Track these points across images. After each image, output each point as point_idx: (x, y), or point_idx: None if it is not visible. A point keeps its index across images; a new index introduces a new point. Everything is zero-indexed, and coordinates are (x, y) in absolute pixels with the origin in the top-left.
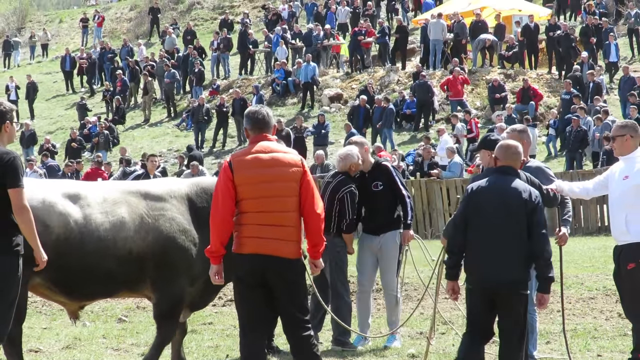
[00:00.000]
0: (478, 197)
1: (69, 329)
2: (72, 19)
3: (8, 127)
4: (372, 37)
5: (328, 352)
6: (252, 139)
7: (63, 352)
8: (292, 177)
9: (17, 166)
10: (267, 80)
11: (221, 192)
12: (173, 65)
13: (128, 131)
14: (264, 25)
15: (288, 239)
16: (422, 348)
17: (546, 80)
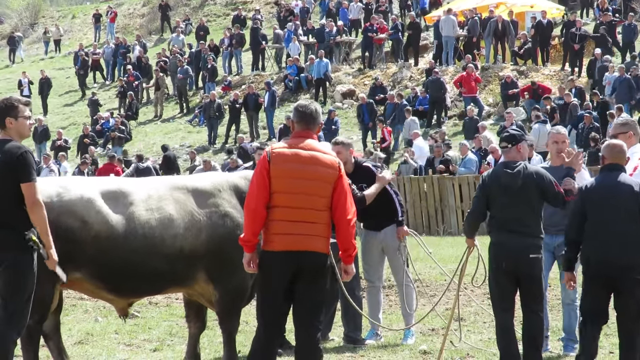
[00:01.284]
0: (591, 194)
1: (81, 325)
2: (84, 15)
3: (12, 122)
4: (384, 34)
5: (340, 348)
6: (295, 133)
7: (75, 348)
8: (327, 178)
9: (28, 161)
10: (279, 76)
11: (256, 182)
12: (186, 61)
13: (140, 127)
14: (276, 22)
15: (318, 234)
16: (433, 345)
17: (559, 76)
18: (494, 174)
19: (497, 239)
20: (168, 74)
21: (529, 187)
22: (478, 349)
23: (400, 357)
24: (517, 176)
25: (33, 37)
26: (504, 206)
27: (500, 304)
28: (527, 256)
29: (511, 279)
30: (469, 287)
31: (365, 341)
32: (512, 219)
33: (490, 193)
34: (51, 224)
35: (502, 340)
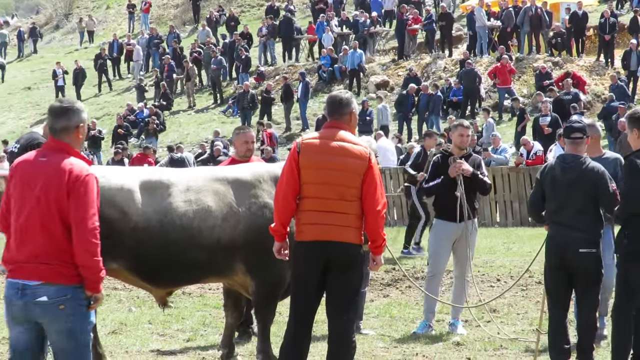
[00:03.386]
0: None
1: (115, 314)
2: (119, 5)
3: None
4: (418, 24)
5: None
6: (327, 124)
7: (109, 337)
8: (355, 169)
9: None
10: (313, 67)
11: (286, 172)
12: (219, 52)
13: (174, 117)
14: (309, 12)
15: (348, 225)
16: (466, 337)
17: (593, 67)
18: (551, 166)
19: (550, 232)
20: (202, 65)
21: (586, 181)
22: (512, 340)
23: (434, 349)
24: (573, 169)
25: (67, 27)
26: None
27: (553, 299)
28: (576, 250)
29: (563, 274)
30: (501, 279)
31: (360, 330)
32: (565, 212)
33: (545, 185)
34: None
35: (552, 337)
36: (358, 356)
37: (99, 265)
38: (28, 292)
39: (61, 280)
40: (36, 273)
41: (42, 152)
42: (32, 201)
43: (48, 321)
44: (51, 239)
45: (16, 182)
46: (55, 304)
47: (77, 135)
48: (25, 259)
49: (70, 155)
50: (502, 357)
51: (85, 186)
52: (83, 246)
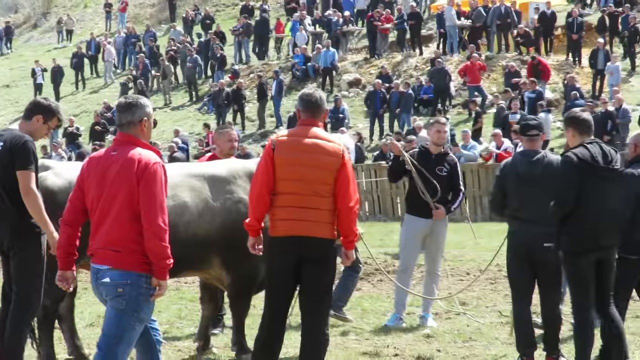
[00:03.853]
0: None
1: (92, 307)
2: (96, 4)
3: (39, 121)
4: (390, 24)
5: (345, 332)
6: (301, 121)
7: (87, 330)
8: (329, 165)
9: (27, 149)
10: (287, 65)
11: (261, 169)
12: (195, 50)
13: None
14: (283, 12)
15: (322, 220)
16: (436, 329)
17: (562, 65)
18: (512, 162)
19: (513, 228)
20: (178, 63)
21: (548, 175)
22: (481, 332)
23: (404, 341)
24: (537, 164)
25: (45, 26)
26: (521, 195)
27: (518, 292)
28: (541, 244)
29: (527, 267)
30: (471, 273)
31: (343, 314)
32: (529, 208)
33: (507, 182)
34: None
35: (518, 327)
36: (331, 348)
37: (166, 251)
38: (99, 275)
39: (125, 267)
40: (106, 258)
41: (112, 146)
42: (106, 192)
43: (109, 300)
44: (122, 228)
45: (90, 176)
46: (115, 286)
47: (142, 128)
48: (100, 245)
49: (137, 147)
50: (472, 348)
51: (154, 174)
52: (151, 230)
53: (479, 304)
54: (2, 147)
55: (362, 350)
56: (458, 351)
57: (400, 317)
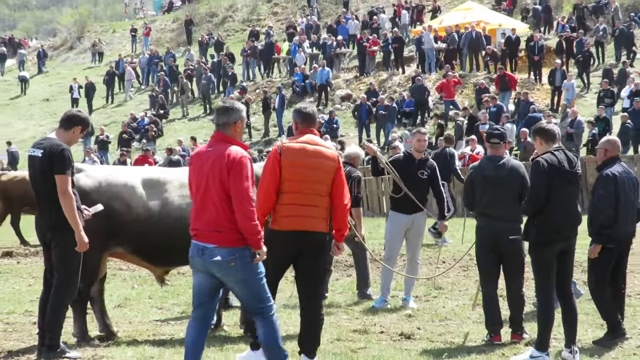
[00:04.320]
0: None
1: (120, 291)
2: (123, 30)
3: (75, 132)
4: (376, 46)
5: (337, 312)
6: (300, 130)
7: (115, 310)
8: (328, 168)
9: (64, 156)
10: (288, 82)
11: (269, 171)
12: (209, 69)
13: (170, 124)
14: (285, 36)
15: (320, 216)
16: (417, 310)
17: (525, 83)
18: (479, 166)
19: (482, 223)
20: (194, 80)
21: (515, 177)
22: (455, 312)
23: (389, 320)
24: (502, 168)
25: (80, 48)
26: (489, 195)
27: (486, 277)
28: (507, 238)
29: (494, 256)
30: (446, 261)
31: (370, 295)
32: (496, 206)
33: (477, 183)
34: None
35: (487, 310)
36: (326, 326)
37: (256, 228)
38: (206, 252)
39: (230, 244)
40: (212, 238)
41: (209, 144)
42: (204, 182)
43: (223, 275)
44: (220, 211)
45: (193, 168)
46: (227, 262)
47: (236, 129)
48: (203, 226)
49: (230, 144)
50: (447, 326)
51: (241, 165)
52: (241, 212)
53: (453, 289)
54: (42, 154)
55: (352, 328)
56: (435, 329)
57: (386, 299)
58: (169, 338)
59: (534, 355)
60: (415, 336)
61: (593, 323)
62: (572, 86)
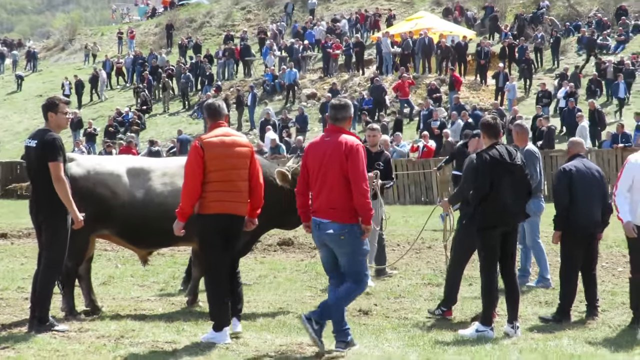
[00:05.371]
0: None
1: (104, 270)
2: (111, 33)
3: (52, 116)
4: (339, 50)
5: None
6: (212, 125)
7: (100, 288)
8: (246, 154)
9: (56, 145)
10: (259, 82)
11: (193, 166)
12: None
13: (152, 119)
14: (257, 40)
15: (243, 201)
16: (374, 288)
17: (471, 84)
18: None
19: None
20: (174, 79)
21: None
22: (408, 291)
23: None
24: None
25: (71, 49)
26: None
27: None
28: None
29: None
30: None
31: (388, 272)
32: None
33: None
34: (88, 192)
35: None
36: (290, 302)
37: (369, 205)
38: (322, 226)
39: (342, 220)
40: (327, 214)
41: (325, 135)
42: (323, 167)
43: (334, 246)
44: (336, 191)
45: (311, 156)
46: (337, 235)
47: (349, 122)
48: (322, 205)
49: (343, 134)
50: (401, 303)
51: (357, 152)
52: (358, 192)
53: (407, 269)
54: (37, 144)
55: (315, 305)
56: (390, 305)
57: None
58: (149, 313)
59: (479, 329)
60: (372, 312)
61: (532, 301)
62: (514, 87)
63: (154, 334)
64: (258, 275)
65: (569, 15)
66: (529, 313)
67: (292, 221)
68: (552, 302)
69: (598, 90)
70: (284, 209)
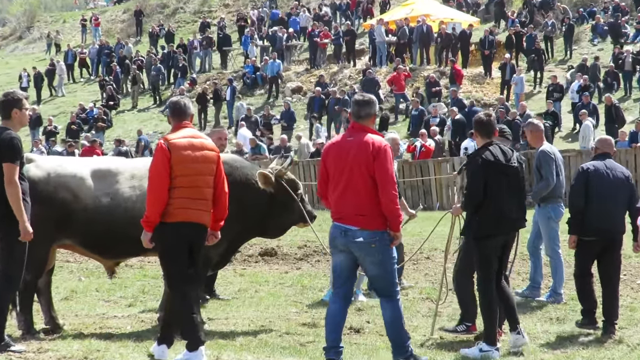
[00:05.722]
0: None
1: (66, 283)
2: (74, 20)
3: (17, 113)
4: (327, 39)
5: (287, 306)
6: (176, 125)
7: (61, 303)
8: (213, 159)
9: (13, 144)
10: (238, 74)
11: (160, 169)
12: (159, 60)
13: (119, 115)
14: (236, 28)
15: (208, 209)
16: (366, 304)
17: (475, 77)
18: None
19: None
20: (144, 71)
21: None
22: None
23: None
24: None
25: (29, 38)
26: None
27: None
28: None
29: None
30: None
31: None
32: None
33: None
34: (49, 196)
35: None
36: (274, 319)
37: (399, 211)
38: (349, 233)
39: (373, 227)
40: (356, 221)
41: (347, 134)
42: (347, 169)
43: (363, 255)
44: (364, 196)
45: (332, 157)
46: (368, 243)
47: (373, 120)
48: (348, 211)
49: (369, 133)
50: None
51: (385, 153)
52: (386, 197)
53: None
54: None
55: (301, 322)
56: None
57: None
58: (116, 331)
59: (483, 349)
60: (365, 330)
61: (542, 317)
62: (522, 80)
63: (122, 355)
64: (237, 289)
65: (582, 0)
66: (538, 331)
67: (275, 229)
68: (563, 318)
69: (615, 83)
70: (267, 215)
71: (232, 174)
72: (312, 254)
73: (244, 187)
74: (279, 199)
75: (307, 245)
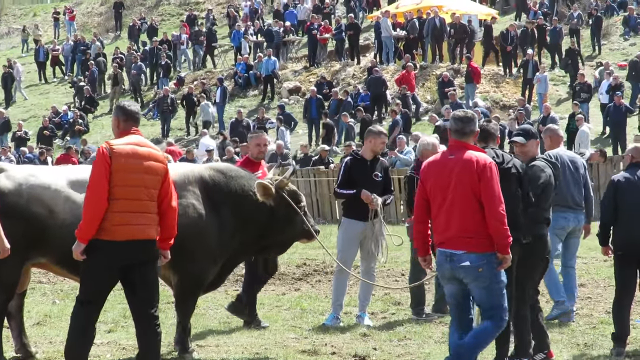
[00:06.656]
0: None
1: (39, 307)
2: (45, 13)
3: None
4: (328, 34)
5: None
6: (123, 130)
7: (34, 329)
8: (160, 171)
9: None
10: (229, 72)
11: (99, 177)
12: (140, 57)
13: (97, 119)
14: (226, 22)
15: (153, 223)
16: (372, 328)
17: (493, 76)
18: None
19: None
20: (124, 70)
21: None
22: (415, 331)
23: (342, 339)
24: None
25: None
26: None
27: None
28: None
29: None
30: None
31: (426, 314)
32: None
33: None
34: (20, 209)
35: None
36: (270, 346)
37: (507, 232)
38: (455, 258)
39: (480, 249)
40: (461, 244)
41: (448, 151)
42: (451, 189)
43: (470, 280)
44: (469, 217)
45: (433, 177)
46: (475, 267)
47: (475, 137)
48: (453, 234)
49: (470, 150)
50: (406, 347)
51: (490, 171)
52: (494, 217)
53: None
54: None
55: (300, 349)
56: (393, 349)
57: (338, 316)
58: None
59: None
60: (371, 357)
61: (568, 343)
62: (545, 79)
63: None
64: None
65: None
66: (564, 358)
67: (276, 246)
68: (592, 344)
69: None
70: (266, 230)
71: (227, 184)
72: (312, 274)
73: (240, 199)
74: (280, 212)
75: (306, 264)
